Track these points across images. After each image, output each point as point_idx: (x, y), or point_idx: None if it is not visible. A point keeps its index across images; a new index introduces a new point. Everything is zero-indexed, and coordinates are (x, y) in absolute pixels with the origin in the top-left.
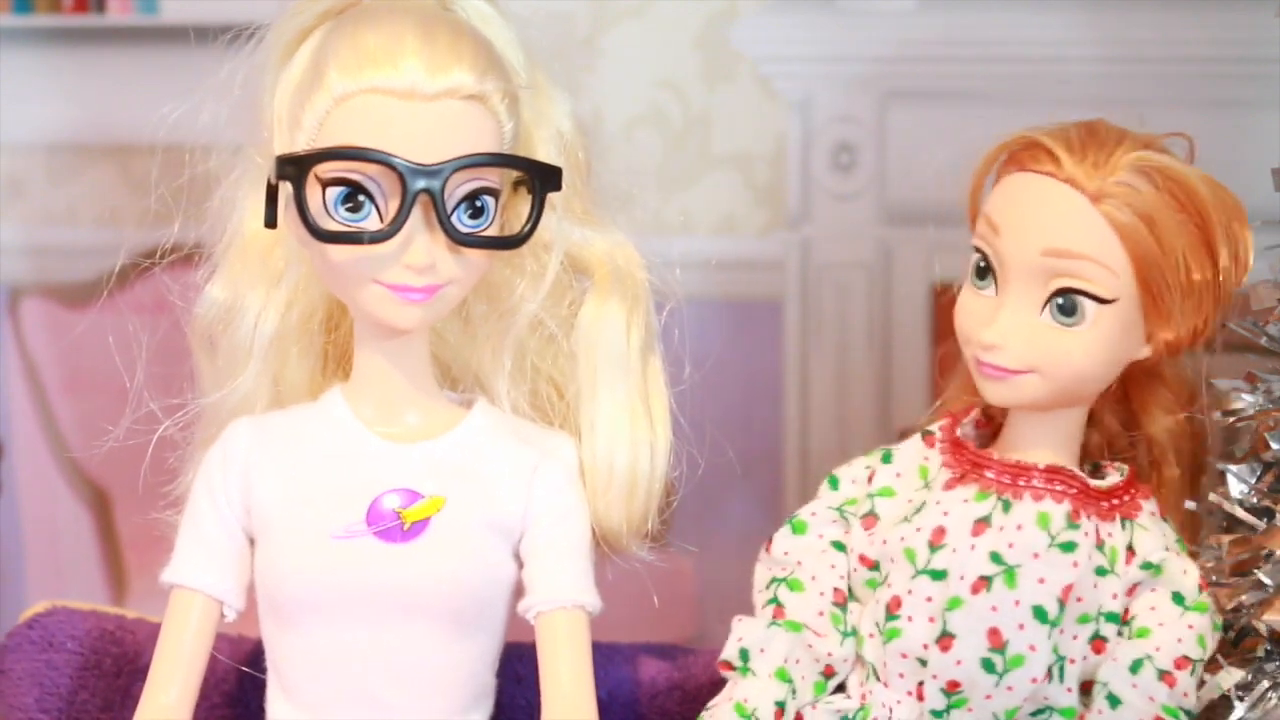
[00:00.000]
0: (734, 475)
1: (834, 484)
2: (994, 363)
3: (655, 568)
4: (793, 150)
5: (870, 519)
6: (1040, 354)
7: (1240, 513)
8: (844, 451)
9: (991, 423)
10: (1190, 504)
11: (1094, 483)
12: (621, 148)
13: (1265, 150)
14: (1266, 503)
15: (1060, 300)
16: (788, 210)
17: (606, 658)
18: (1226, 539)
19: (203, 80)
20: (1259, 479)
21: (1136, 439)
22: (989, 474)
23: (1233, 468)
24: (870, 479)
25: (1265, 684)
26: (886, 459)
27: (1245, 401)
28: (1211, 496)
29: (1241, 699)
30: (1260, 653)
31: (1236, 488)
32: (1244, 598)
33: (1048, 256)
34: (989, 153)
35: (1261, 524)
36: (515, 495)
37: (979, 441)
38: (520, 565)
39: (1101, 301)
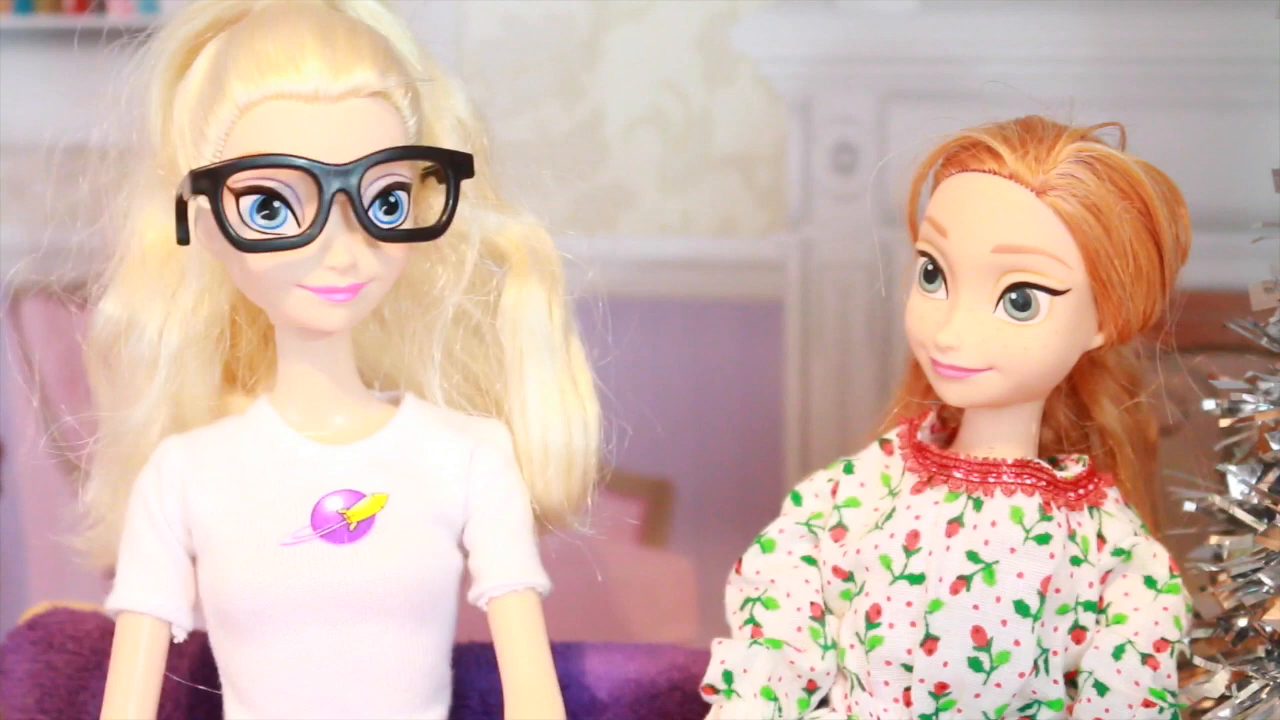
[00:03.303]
0: (735, 475)
1: (797, 500)
2: (952, 363)
3: (655, 567)
4: (793, 151)
5: (839, 531)
6: (997, 350)
7: (1240, 513)
8: (844, 451)
9: (946, 426)
10: (1190, 505)
11: (1059, 474)
12: (622, 148)
13: (1265, 150)
14: (1267, 503)
15: (1013, 295)
16: (788, 211)
17: (606, 658)
18: (1227, 540)
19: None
20: (1259, 479)
21: (1088, 430)
22: (957, 474)
23: (1233, 468)
24: (834, 491)
25: (1257, 685)
26: (848, 470)
27: (1246, 402)
28: (1211, 496)
29: (1238, 699)
30: (1260, 653)
31: (1237, 488)
32: (1244, 598)
33: (998, 253)
34: (926, 158)
35: (1262, 524)
36: (455, 485)
37: (938, 444)
38: (465, 554)
39: (1054, 293)
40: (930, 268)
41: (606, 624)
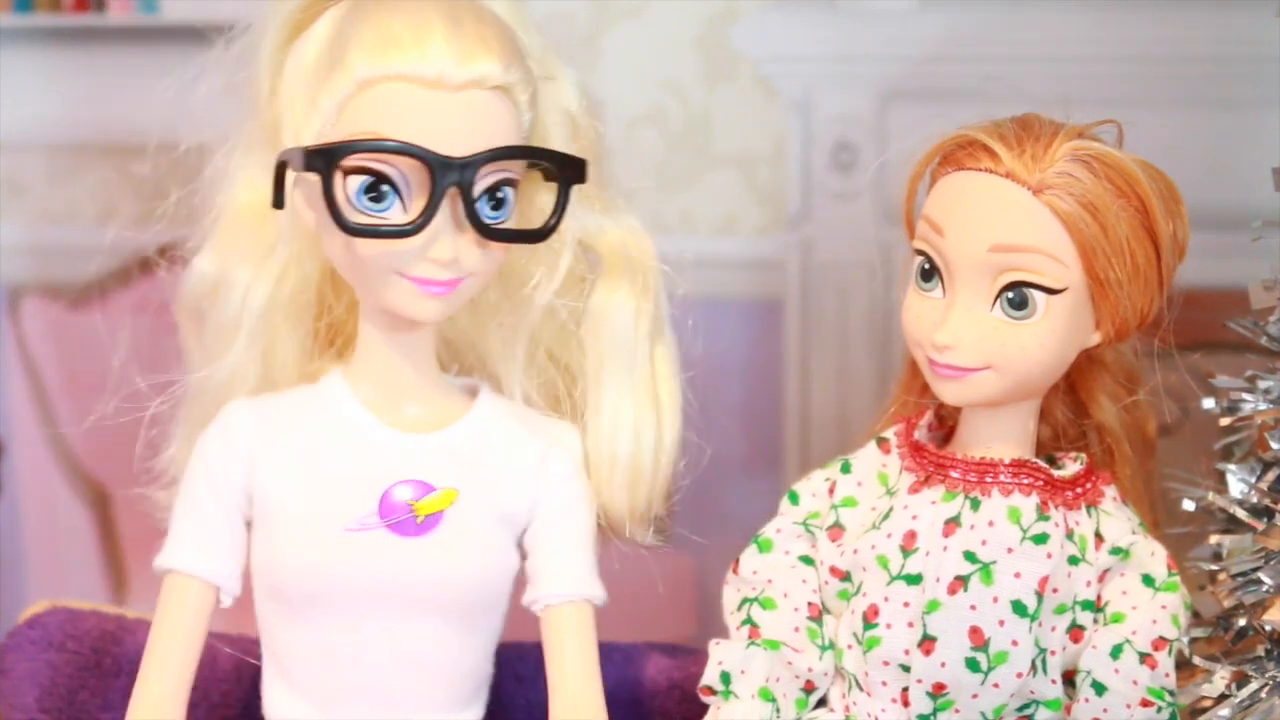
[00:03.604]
0: (735, 474)
1: (794, 499)
2: (949, 362)
3: (656, 566)
4: (793, 150)
5: (836, 530)
6: (994, 349)
7: (1240, 513)
8: (843, 450)
9: (944, 425)
10: (1189, 504)
11: (1056, 472)
12: (622, 148)
13: (1264, 149)
14: (1267, 502)
15: (1010, 294)
16: (788, 210)
17: (606, 656)
18: (1226, 539)
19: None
20: (1259, 478)
21: (1086, 428)
22: (954, 474)
23: (1233, 467)
24: (831, 491)
25: (1257, 684)
26: (845, 469)
27: (1246, 401)
28: (1210, 495)
29: (1238, 698)
30: (1259, 652)
31: (1236, 487)
32: (1243, 597)
33: (995, 252)
34: (922, 157)
35: (1261, 523)
36: (523, 487)
37: (935, 443)
38: (523, 556)
39: (1051, 292)
40: (927, 266)
41: (606, 623)
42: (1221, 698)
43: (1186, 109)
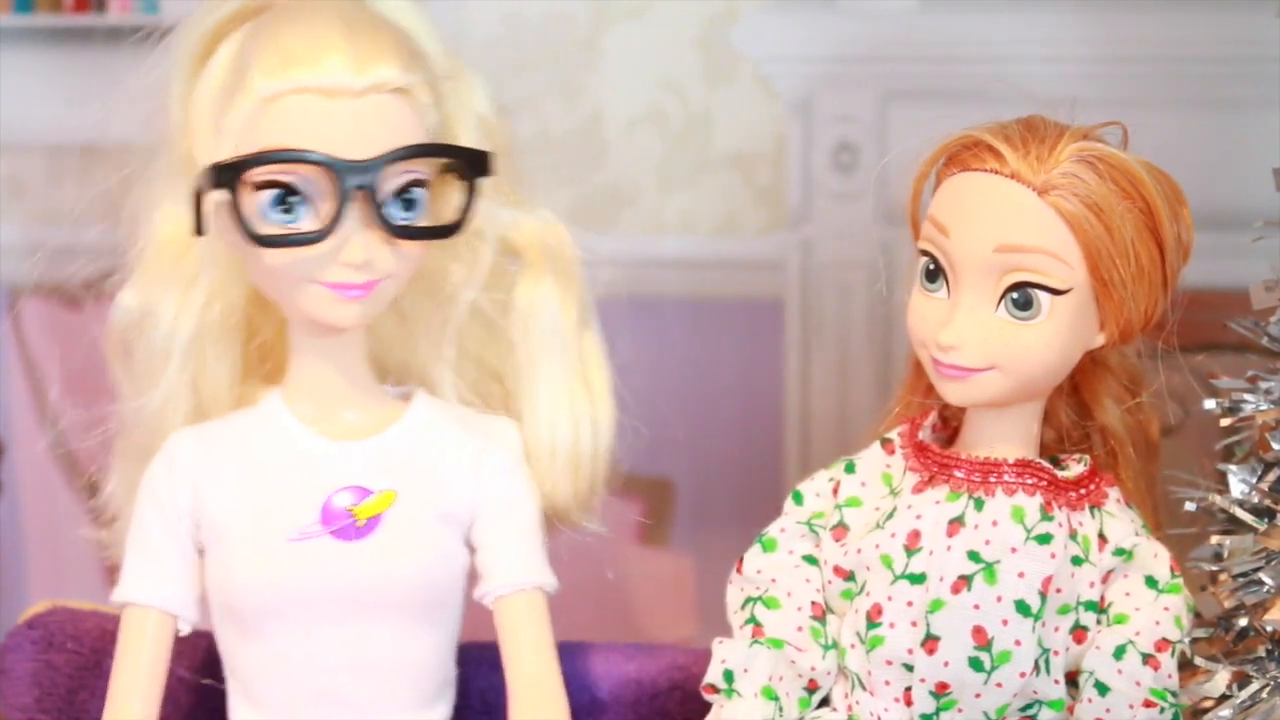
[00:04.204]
0: (735, 474)
1: (798, 499)
2: (953, 363)
3: (655, 567)
4: (793, 150)
5: (840, 530)
6: (999, 350)
7: (1241, 513)
8: (844, 450)
9: (948, 425)
10: (1190, 505)
11: (1060, 473)
12: (622, 148)
13: (1266, 149)
14: (1268, 502)
15: (1015, 295)
16: (788, 210)
17: (606, 658)
18: (1227, 539)
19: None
20: (1260, 479)
21: (1090, 429)
22: (958, 474)
23: (1233, 468)
24: (835, 491)
25: (1258, 685)
26: (849, 469)
27: (1247, 402)
28: (1211, 496)
29: (1239, 699)
30: (1261, 652)
31: (1237, 488)
32: (1245, 597)
33: (1000, 253)
34: (927, 157)
35: (1262, 524)
36: (463, 484)
37: (939, 444)
38: (472, 552)
39: (1056, 293)
40: (932, 267)
41: (607, 624)
42: (1223, 698)
43: (1186, 109)
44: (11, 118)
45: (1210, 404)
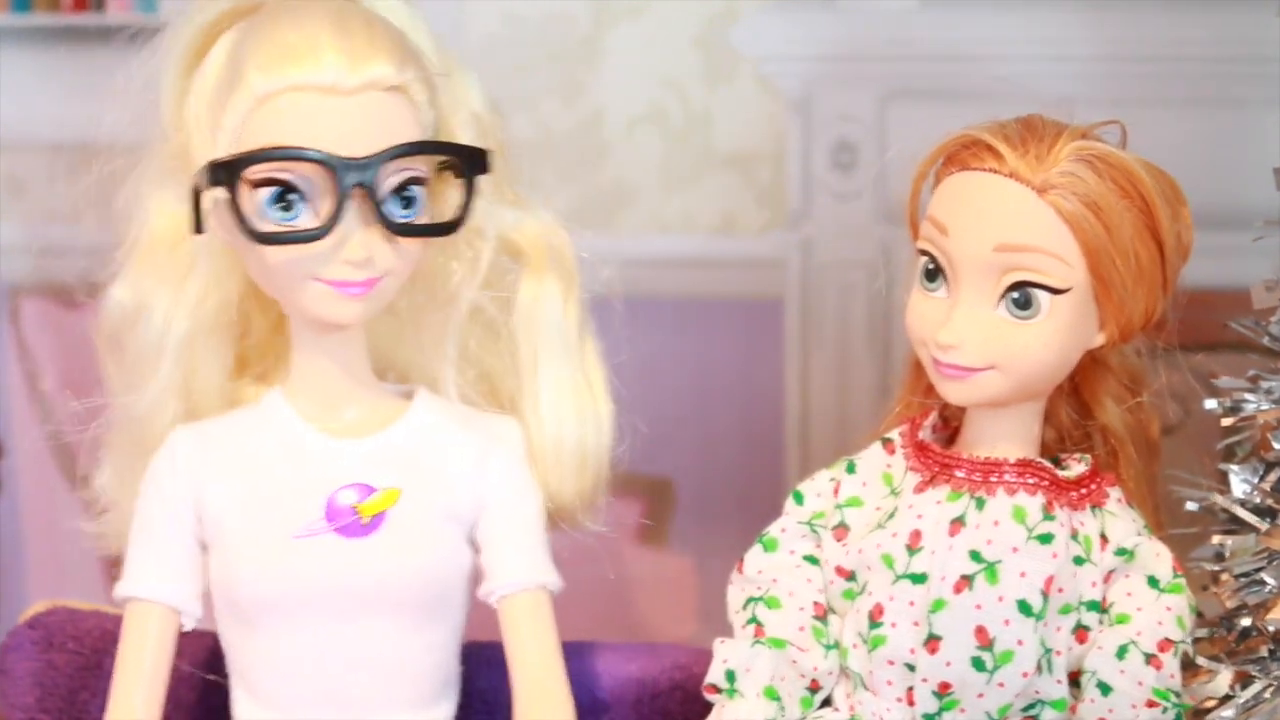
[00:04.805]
0: (735, 474)
1: (799, 499)
2: (953, 362)
3: (655, 567)
4: (793, 150)
5: (841, 530)
6: (998, 349)
7: (1242, 513)
8: (844, 451)
9: (948, 425)
10: (1192, 505)
11: (1061, 473)
12: (622, 147)
13: (1266, 148)
14: (1269, 502)
15: (1015, 294)
16: (788, 209)
17: (606, 658)
18: (1229, 539)
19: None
20: (1261, 479)
21: (1091, 429)
22: (959, 473)
23: (1235, 467)
24: (836, 491)
25: (1260, 685)
26: (850, 469)
27: (1248, 401)
28: (1213, 496)
29: (1241, 699)
30: (1263, 652)
31: (1239, 488)
32: (1247, 597)
33: (999, 252)
34: (926, 156)
35: (1264, 524)
36: (467, 482)
37: (940, 443)
38: (476, 551)
39: (1055, 292)
40: (931, 266)
41: (607, 623)
42: (1225, 698)
43: (1187, 108)
44: (11, 118)
45: (1211, 404)
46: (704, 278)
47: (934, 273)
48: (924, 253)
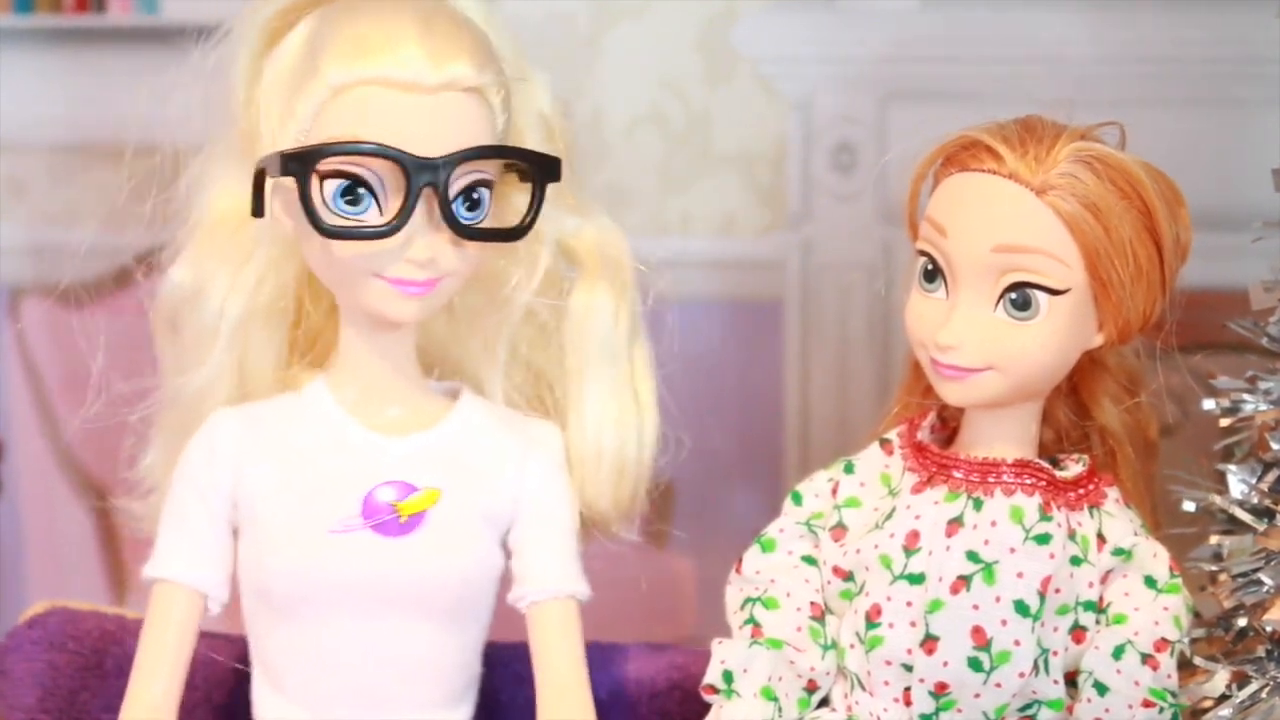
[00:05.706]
0: (735, 474)
1: (797, 499)
2: (952, 363)
3: (655, 567)
4: (793, 150)
5: (839, 530)
6: (997, 350)
7: (1240, 513)
8: (844, 451)
9: (947, 426)
10: (1189, 505)
11: (1059, 474)
12: (622, 147)
13: (1265, 149)
14: (1267, 503)
15: (1013, 295)
16: (788, 210)
17: (606, 658)
18: (1227, 539)
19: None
20: (1259, 479)
21: (1089, 430)
22: (957, 474)
23: (1233, 468)
24: (834, 491)
25: (1257, 685)
26: (849, 470)
27: (1246, 402)
28: (1211, 496)
29: (1238, 699)
30: (1260, 652)
31: (1237, 488)
32: (1244, 597)
33: (998, 253)
34: (925, 158)
35: (1262, 524)
36: (506, 486)
37: (938, 444)
38: (508, 554)
39: (1054, 293)
40: (930, 267)
41: (606, 623)
42: (1222, 698)
43: (1186, 109)
44: (11, 118)
45: (1209, 404)
46: (704, 278)
47: (933, 273)
48: (923, 253)
